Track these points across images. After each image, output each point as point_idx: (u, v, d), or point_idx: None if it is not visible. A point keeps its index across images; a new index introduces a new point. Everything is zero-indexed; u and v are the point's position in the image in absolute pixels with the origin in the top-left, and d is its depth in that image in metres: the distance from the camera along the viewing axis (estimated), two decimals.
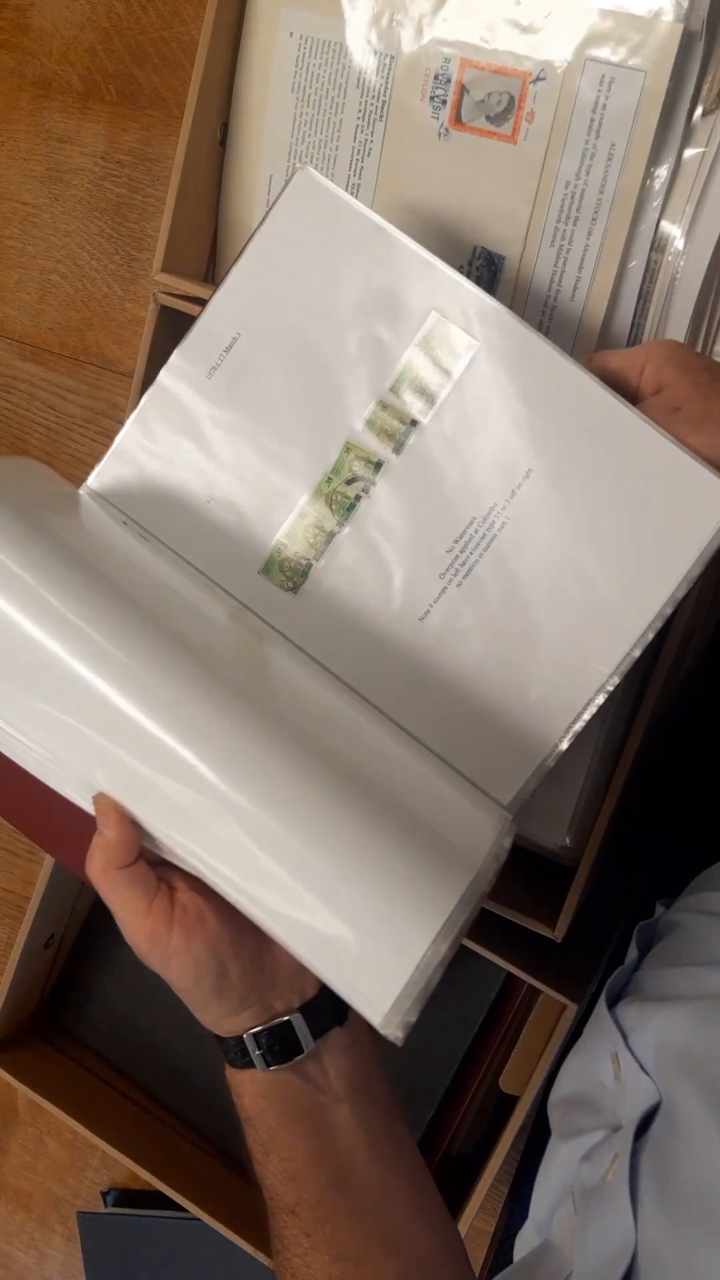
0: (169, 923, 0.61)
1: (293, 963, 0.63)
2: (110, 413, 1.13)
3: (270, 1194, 0.64)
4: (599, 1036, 0.72)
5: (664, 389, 0.67)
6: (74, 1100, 1.08)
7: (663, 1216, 0.57)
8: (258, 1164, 0.65)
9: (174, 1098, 1.15)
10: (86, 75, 1.07)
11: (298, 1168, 0.63)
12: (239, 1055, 0.64)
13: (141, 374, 0.88)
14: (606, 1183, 0.61)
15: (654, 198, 0.77)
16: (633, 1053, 0.66)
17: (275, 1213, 0.64)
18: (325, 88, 0.84)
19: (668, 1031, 0.64)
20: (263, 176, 0.89)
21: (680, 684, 0.91)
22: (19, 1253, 1.38)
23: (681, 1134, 0.59)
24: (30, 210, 1.12)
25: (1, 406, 1.17)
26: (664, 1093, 0.62)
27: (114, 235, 1.09)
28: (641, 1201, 0.58)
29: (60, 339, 1.13)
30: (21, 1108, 1.33)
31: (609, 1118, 0.68)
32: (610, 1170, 0.61)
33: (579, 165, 0.78)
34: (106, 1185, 1.30)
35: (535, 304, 0.82)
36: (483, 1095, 1.02)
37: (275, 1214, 0.64)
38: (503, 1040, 0.99)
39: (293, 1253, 0.63)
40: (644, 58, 0.74)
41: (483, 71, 0.79)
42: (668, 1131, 0.60)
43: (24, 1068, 1.10)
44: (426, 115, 0.81)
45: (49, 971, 1.14)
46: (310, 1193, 0.63)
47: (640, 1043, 0.66)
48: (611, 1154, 0.62)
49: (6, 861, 1.29)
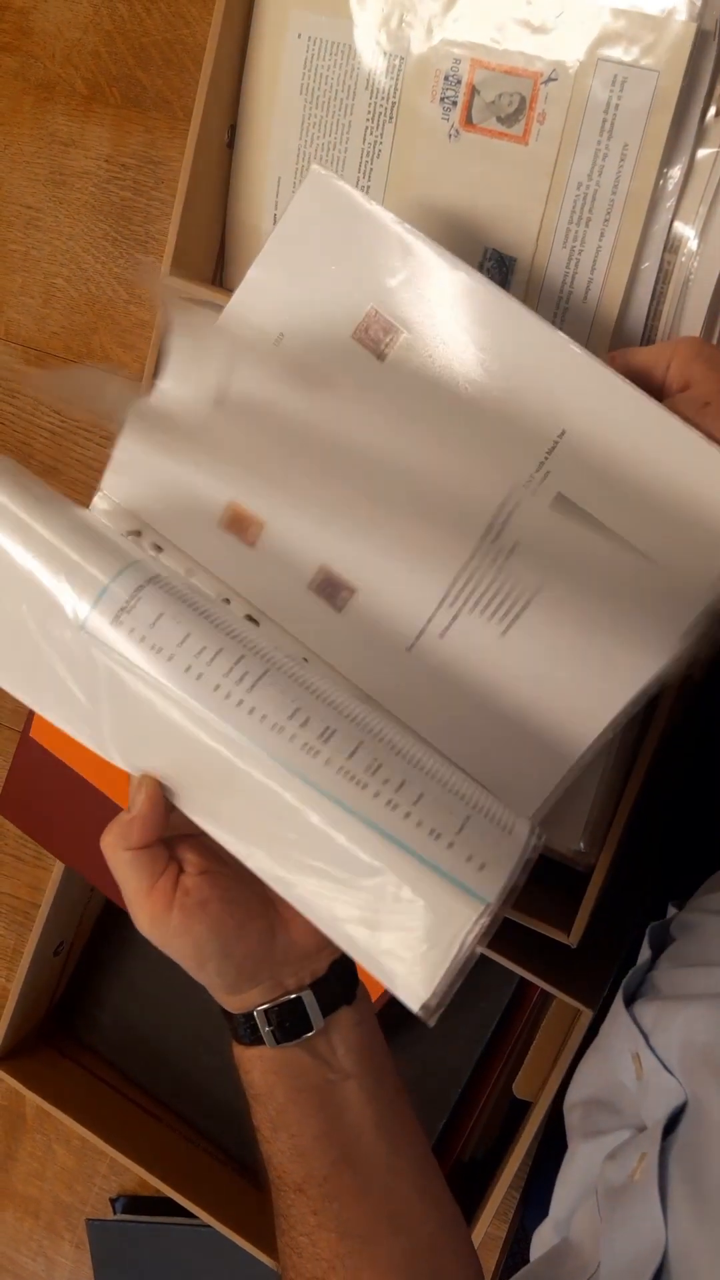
0: (169, 905, 0.61)
1: (305, 944, 0.64)
2: None
3: (277, 1172, 0.64)
4: (618, 1037, 0.72)
5: (692, 385, 0.66)
6: (83, 1107, 1.08)
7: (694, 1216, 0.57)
8: (265, 1142, 0.65)
9: (183, 1104, 1.14)
10: (90, 78, 1.07)
11: (306, 1144, 0.63)
12: (249, 1032, 0.64)
13: (150, 378, 0.88)
14: (634, 1182, 0.60)
15: (667, 199, 0.77)
16: (655, 1052, 0.65)
17: (282, 1190, 0.64)
18: (334, 89, 0.84)
19: (693, 1030, 0.64)
20: (271, 179, 0.88)
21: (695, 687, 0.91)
22: (28, 1260, 1.37)
23: (712, 1133, 0.58)
24: (34, 214, 1.11)
25: (6, 411, 1.17)
26: (690, 1092, 0.61)
27: (118, 238, 1.09)
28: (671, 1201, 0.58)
29: (65, 343, 1.13)
30: (29, 1115, 1.32)
31: (631, 1118, 0.68)
32: (638, 1169, 0.61)
33: (591, 166, 0.77)
34: (115, 1192, 1.30)
35: (547, 306, 0.81)
36: (495, 1101, 1.01)
37: (282, 1192, 0.64)
38: (516, 1046, 0.99)
39: (299, 1231, 0.63)
40: (657, 57, 0.74)
41: (493, 72, 0.78)
42: (697, 1131, 0.59)
43: (34, 1075, 1.09)
44: (437, 116, 0.81)
45: (58, 979, 1.13)
46: (318, 1169, 0.63)
47: (663, 1042, 0.66)
48: (639, 1153, 0.61)
49: (12, 867, 1.28)
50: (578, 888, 0.85)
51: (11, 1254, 1.37)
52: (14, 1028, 1.10)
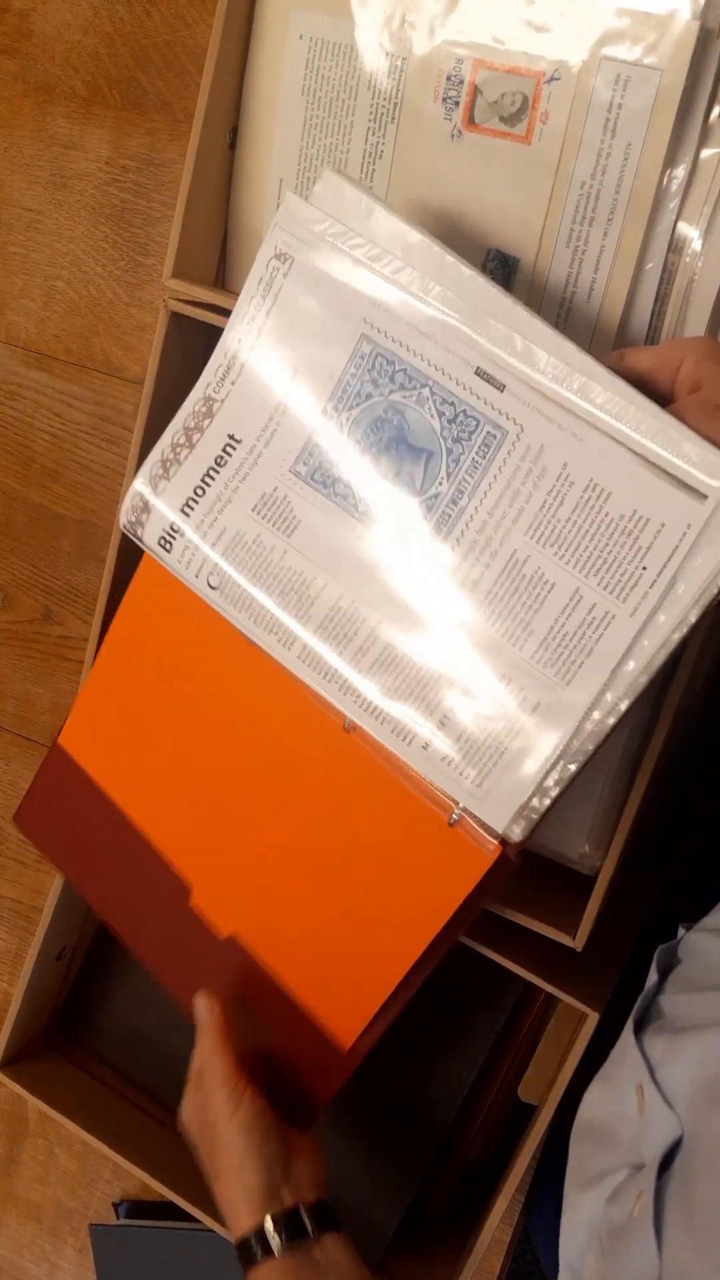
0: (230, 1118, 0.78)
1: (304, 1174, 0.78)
2: (116, 419, 1.12)
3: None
4: (625, 1066, 0.71)
5: (703, 386, 0.66)
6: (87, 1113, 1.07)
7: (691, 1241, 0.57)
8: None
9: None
10: (90, 80, 1.06)
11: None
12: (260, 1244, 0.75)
13: (153, 380, 0.88)
14: (633, 1220, 0.61)
15: (671, 198, 0.77)
16: (659, 1086, 0.65)
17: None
18: (336, 90, 0.83)
19: (705, 1064, 0.63)
20: (273, 180, 0.88)
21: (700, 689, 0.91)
22: (31, 1265, 1.37)
23: (706, 1160, 0.58)
24: (34, 216, 1.11)
25: (7, 414, 1.16)
26: (688, 1124, 0.61)
27: (119, 241, 1.08)
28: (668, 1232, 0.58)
29: (65, 345, 1.12)
30: (31, 1119, 1.32)
31: (629, 1153, 0.67)
32: (636, 1206, 0.61)
33: (594, 166, 0.77)
34: (119, 1196, 1.29)
35: (550, 306, 0.81)
36: (500, 1104, 1.01)
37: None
38: (521, 1049, 0.99)
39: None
40: (660, 56, 0.74)
41: (496, 72, 0.78)
42: (692, 1163, 0.59)
43: (37, 1080, 1.09)
44: (439, 117, 0.80)
45: (61, 984, 1.13)
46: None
47: (669, 1076, 0.65)
48: (637, 1191, 0.61)
49: (15, 871, 1.28)
50: (583, 891, 0.84)
51: (14, 1259, 1.37)
52: (18, 1034, 1.09)
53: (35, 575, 1.19)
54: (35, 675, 1.22)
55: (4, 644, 1.22)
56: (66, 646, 1.20)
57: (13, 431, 1.17)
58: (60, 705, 1.22)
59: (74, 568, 1.18)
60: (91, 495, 1.15)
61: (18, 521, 1.19)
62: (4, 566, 1.20)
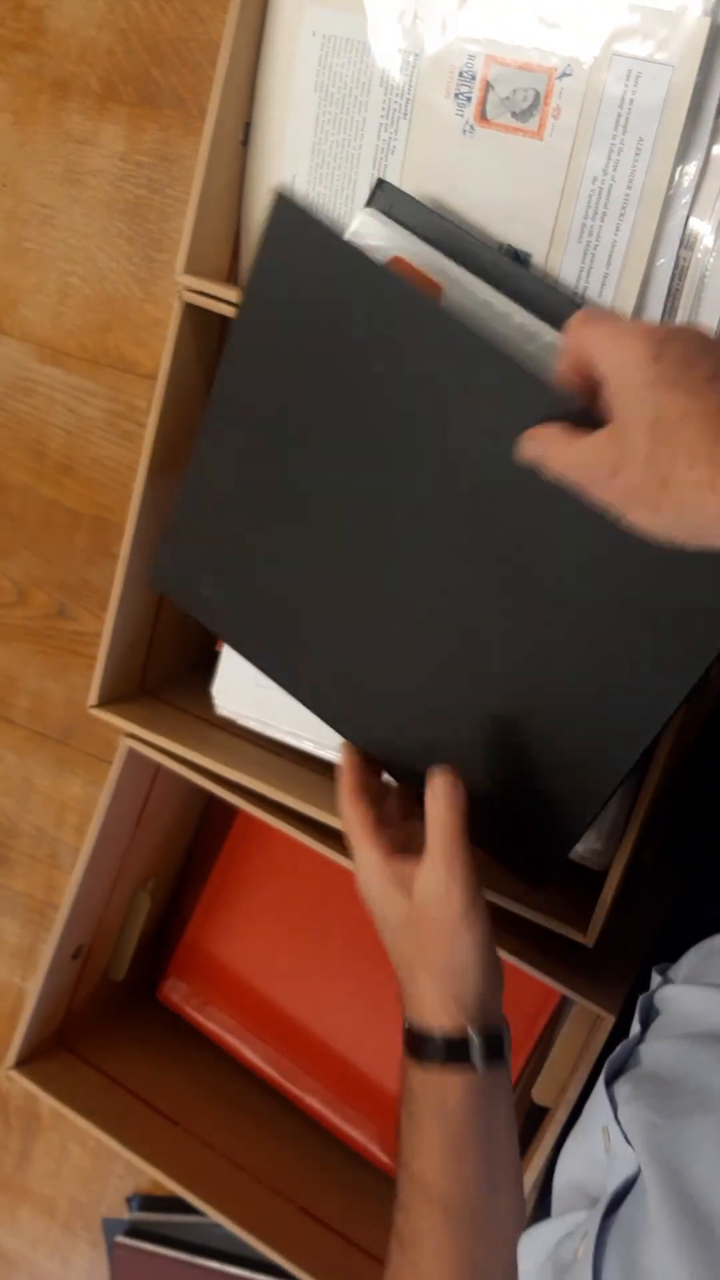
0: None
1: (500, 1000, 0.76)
2: (130, 415, 1.12)
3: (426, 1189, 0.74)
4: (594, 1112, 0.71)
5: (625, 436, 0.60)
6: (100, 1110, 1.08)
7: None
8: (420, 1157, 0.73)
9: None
10: (105, 76, 1.06)
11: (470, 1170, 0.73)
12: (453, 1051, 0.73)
13: (166, 375, 0.88)
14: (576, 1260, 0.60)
15: (682, 194, 0.76)
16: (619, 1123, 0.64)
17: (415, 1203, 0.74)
18: (348, 86, 0.83)
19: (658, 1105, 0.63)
20: (286, 176, 0.88)
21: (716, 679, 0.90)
22: (44, 1259, 1.37)
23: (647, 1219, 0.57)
24: (49, 212, 1.11)
25: (21, 410, 1.17)
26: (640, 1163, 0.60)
27: (133, 236, 1.09)
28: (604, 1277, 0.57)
29: (79, 341, 1.13)
30: (45, 1115, 1.33)
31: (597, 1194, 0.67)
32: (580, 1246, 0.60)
33: (606, 161, 0.77)
34: (131, 1191, 1.30)
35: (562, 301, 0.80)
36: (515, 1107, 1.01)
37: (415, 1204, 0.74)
38: (535, 1052, 0.99)
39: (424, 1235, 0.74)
40: (671, 52, 0.73)
41: (508, 67, 0.78)
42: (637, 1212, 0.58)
43: (52, 1078, 1.09)
44: (451, 112, 0.80)
45: (76, 982, 1.13)
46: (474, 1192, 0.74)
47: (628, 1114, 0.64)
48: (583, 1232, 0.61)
49: (27, 866, 1.28)
50: (595, 888, 0.84)
51: (28, 1253, 1.37)
52: (34, 1033, 1.09)
53: (49, 571, 1.20)
54: (49, 671, 1.22)
55: (18, 640, 1.23)
56: (80, 642, 1.20)
57: (27, 427, 1.17)
58: (74, 701, 1.22)
59: (88, 563, 1.18)
60: (105, 491, 1.15)
61: (31, 517, 1.19)
62: (18, 562, 1.21)
